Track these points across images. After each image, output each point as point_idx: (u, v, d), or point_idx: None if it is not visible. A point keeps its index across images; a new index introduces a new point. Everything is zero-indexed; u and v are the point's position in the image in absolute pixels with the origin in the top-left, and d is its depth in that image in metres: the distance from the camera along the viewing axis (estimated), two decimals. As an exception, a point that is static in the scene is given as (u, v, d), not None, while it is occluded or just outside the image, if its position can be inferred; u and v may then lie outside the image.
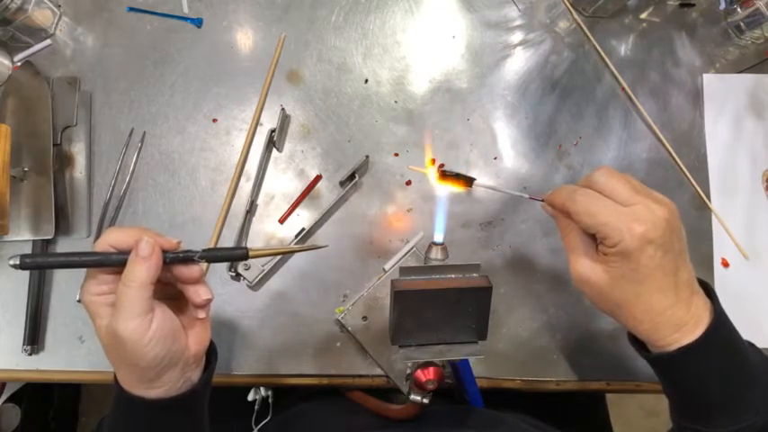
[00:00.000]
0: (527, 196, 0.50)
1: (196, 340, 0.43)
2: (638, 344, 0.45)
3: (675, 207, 0.41)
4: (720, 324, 0.42)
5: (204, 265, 0.42)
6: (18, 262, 0.38)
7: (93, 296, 0.40)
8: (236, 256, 0.43)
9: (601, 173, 0.42)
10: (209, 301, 0.42)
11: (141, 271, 0.38)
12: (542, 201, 0.47)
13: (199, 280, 0.41)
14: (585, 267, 0.42)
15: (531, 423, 0.60)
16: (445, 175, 0.52)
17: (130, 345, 0.38)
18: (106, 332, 0.39)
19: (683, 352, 0.41)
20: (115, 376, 0.42)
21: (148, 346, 0.38)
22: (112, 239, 0.39)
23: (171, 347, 0.40)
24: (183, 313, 0.43)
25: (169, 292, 0.43)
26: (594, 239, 0.43)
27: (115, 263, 0.39)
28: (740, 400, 0.41)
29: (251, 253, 0.42)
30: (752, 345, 0.45)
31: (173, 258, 0.40)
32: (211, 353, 0.47)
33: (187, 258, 0.40)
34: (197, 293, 0.41)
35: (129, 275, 0.38)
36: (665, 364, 0.43)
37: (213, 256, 0.41)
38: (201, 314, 0.42)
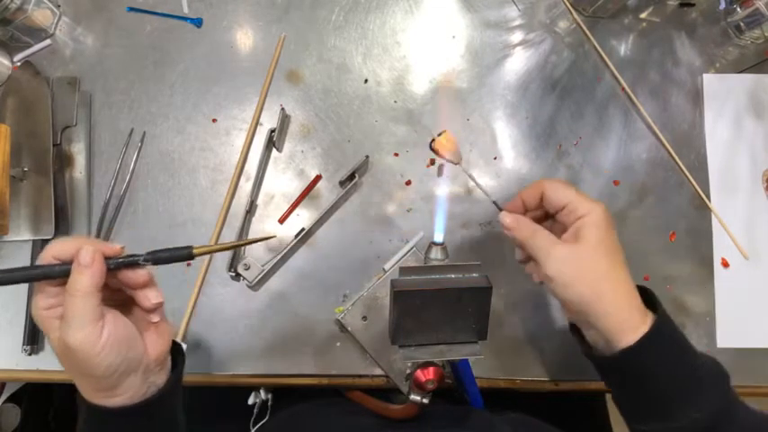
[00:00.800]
0: (492, 199, 0.50)
1: (154, 344, 0.42)
2: (589, 351, 0.48)
3: None
4: (666, 316, 0.45)
5: (152, 268, 0.41)
6: None
7: (42, 310, 0.39)
8: (180, 256, 0.41)
9: (548, 178, 0.49)
10: (160, 304, 0.41)
11: (84, 279, 0.37)
12: (501, 209, 0.48)
13: (147, 284, 0.41)
14: (563, 248, 0.44)
15: (530, 423, 0.60)
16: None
17: (82, 354, 0.37)
18: (58, 344, 0.38)
19: (649, 335, 0.43)
20: (80, 392, 0.42)
21: (101, 355, 0.37)
22: (55, 251, 0.39)
23: (126, 354, 0.39)
24: (138, 318, 0.43)
25: (120, 298, 0.42)
26: (555, 234, 0.46)
27: (58, 274, 0.38)
28: (696, 386, 0.43)
29: (195, 251, 0.41)
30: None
31: (117, 264, 0.39)
32: (177, 354, 0.46)
33: (131, 263, 0.40)
34: (146, 298, 0.41)
35: (73, 284, 0.37)
36: (627, 358, 0.44)
37: (158, 257, 0.40)
38: (155, 318, 0.42)
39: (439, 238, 0.48)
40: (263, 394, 0.64)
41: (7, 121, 0.61)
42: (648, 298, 0.46)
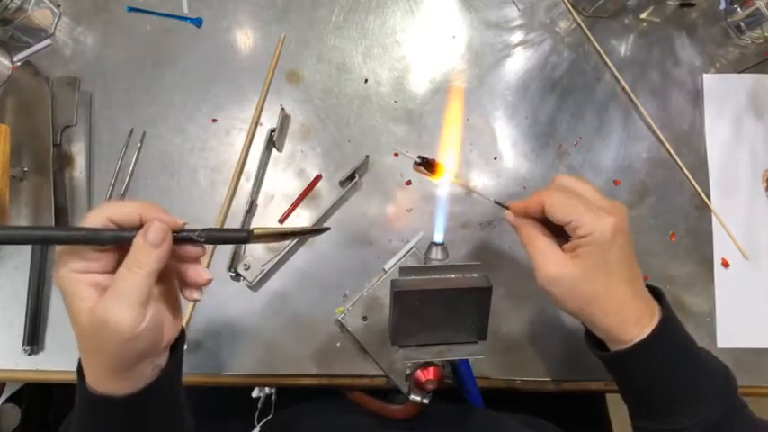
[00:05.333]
0: (491, 200, 0.49)
1: (170, 326, 0.40)
2: (595, 346, 0.47)
3: None
4: (671, 319, 0.44)
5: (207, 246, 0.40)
6: None
7: (74, 273, 0.35)
8: (237, 238, 0.40)
9: (565, 176, 0.45)
10: (211, 280, 0.40)
11: (151, 257, 0.35)
12: (506, 207, 0.47)
13: (200, 258, 0.40)
14: (557, 265, 0.43)
15: (530, 423, 0.60)
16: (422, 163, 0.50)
17: (117, 335, 0.34)
18: (89, 317, 0.35)
19: (640, 345, 0.42)
20: (79, 369, 0.39)
21: (138, 338, 0.35)
22: (112, 213, 0.36)
23: (154, 340, 0.38)
24: (170, 298, 0.41)
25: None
26: (557, 242, 0.44)
27: (109, 241, 0.35)
28: (694, 394, 0.43)
29: (256, 231, 0.39)
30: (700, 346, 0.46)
31: (176, 239, 0.38)
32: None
33: (187, 239, 0.38)
34: (198, 273, 0.39)
35: (137, 261, 0.35)
36: (623, 360, 0.44)
37: (213, 237, 0.39)
38: (197, 295, 0.40)
39: (439, 238, 0.48)
40: (267, 389, 0.64)
41: (7, 121, 0.61)
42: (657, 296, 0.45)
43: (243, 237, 0.40)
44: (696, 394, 0.43)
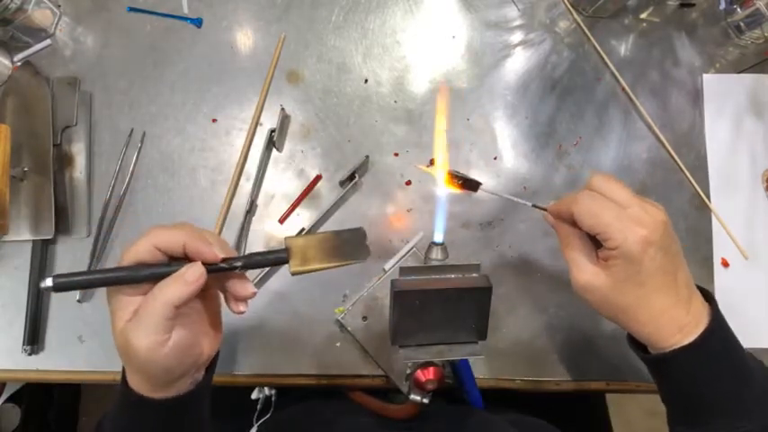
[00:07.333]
0: (530, 204, 0.50)
1: (211, 342, 0.42)
2: (637, 347, 0.46)
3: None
4: (718, 326, 0.42)
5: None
6: (51, 284, 0.35)
7: (122, 295, 0.38)
8: (277, 260, 0.41)
9: (599, 177, 0.43)
10: (255, 293, 0.41)
11: (177, 292, 0.36)
12: (545, 210, 0.47)
13: (244, 274, 0.41)
14: (588, 275, 0.43)
15: (530, 423, 0.60)
16: (453, 177, 0.53)
17: (142, 357, 0.37)
18: (119, 336, 0.38)
19: (682, 351, 0.41)
20: (123, 375, 0.42)
21: (161, 362, 0.37)
22: (158, 242, 0.37)
23: (184, 361, 0.39)
24: (212, 316, 0.43)
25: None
26: (594, 248, 0.43)
27: (156, 277, 0.37)
28: (735, 404, 0.42)
29: (293, 270, 0.40)
30: (749, 353, 0.45)
31: (211, 269, 0.39)
32: None
33: (228, 269, 0.39)
34: (244, 287, 0.41)
35: (163, 291, 0.37)
36: (663, 365, 0.43)
37: (254, 262, 0.40)
38: (243, 307, 0.42)
39: (439, 238, 0.48)
40: (266, 390, 0.64)
41: (7, 121, 0.61)
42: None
43: (282, 259, 0.41)
44: (737, 404, 0.42)
